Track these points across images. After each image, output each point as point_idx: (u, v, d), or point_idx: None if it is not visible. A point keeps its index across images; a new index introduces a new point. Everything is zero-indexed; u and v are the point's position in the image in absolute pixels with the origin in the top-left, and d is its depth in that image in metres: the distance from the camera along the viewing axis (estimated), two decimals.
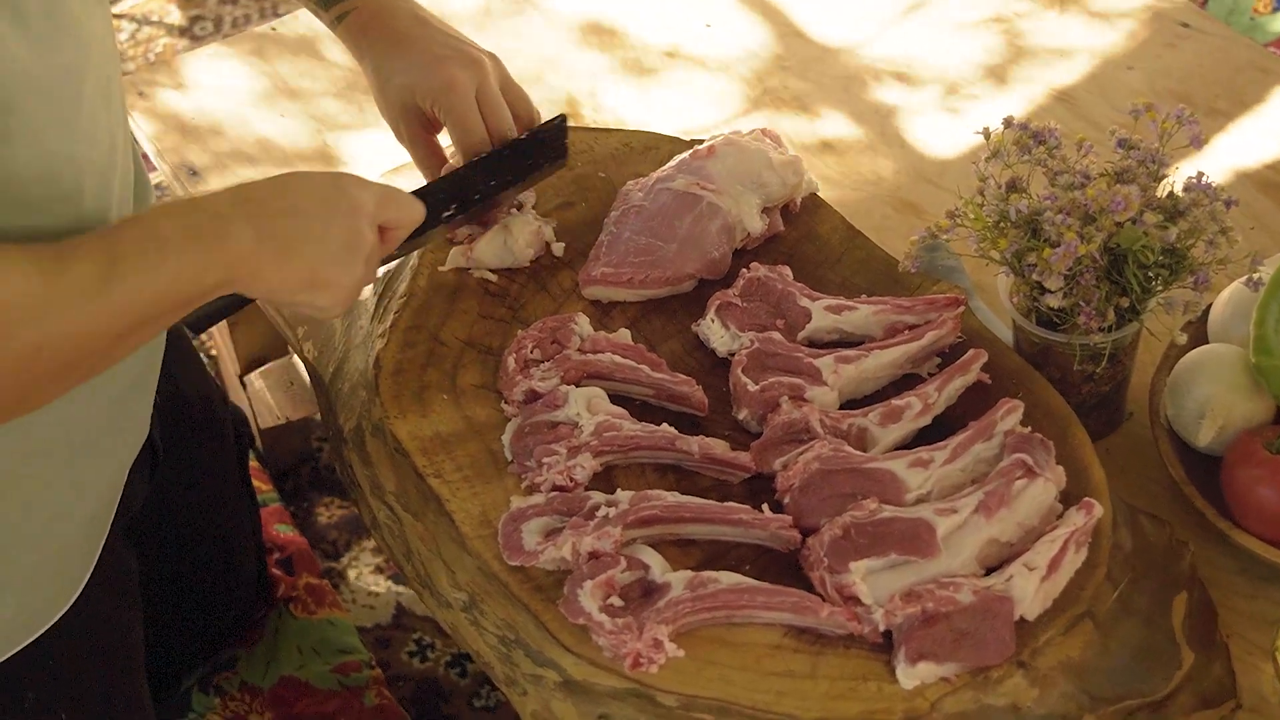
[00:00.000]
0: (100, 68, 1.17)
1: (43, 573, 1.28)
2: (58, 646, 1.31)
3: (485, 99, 1.44)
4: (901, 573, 1.24)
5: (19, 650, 1.28)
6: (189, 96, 1.91)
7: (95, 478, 1.32)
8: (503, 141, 1.44)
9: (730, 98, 1.88)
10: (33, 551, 1.26)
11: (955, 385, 1.37)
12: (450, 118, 1.43)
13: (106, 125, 1.18)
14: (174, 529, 1.67)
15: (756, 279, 1.45)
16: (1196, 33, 1.89)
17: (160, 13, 3.08)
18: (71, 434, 1.25)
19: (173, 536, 1.67)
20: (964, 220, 1.38)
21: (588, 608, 1.21)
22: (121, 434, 1.35)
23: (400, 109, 1.45)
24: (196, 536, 1.74)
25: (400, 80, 1.44)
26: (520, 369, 1.39)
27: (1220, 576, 1.37)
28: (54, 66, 1.09)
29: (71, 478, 1.28)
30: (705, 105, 1.88)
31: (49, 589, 1.30)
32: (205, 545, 1.77)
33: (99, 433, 1.29)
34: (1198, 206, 1.32)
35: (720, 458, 1.33)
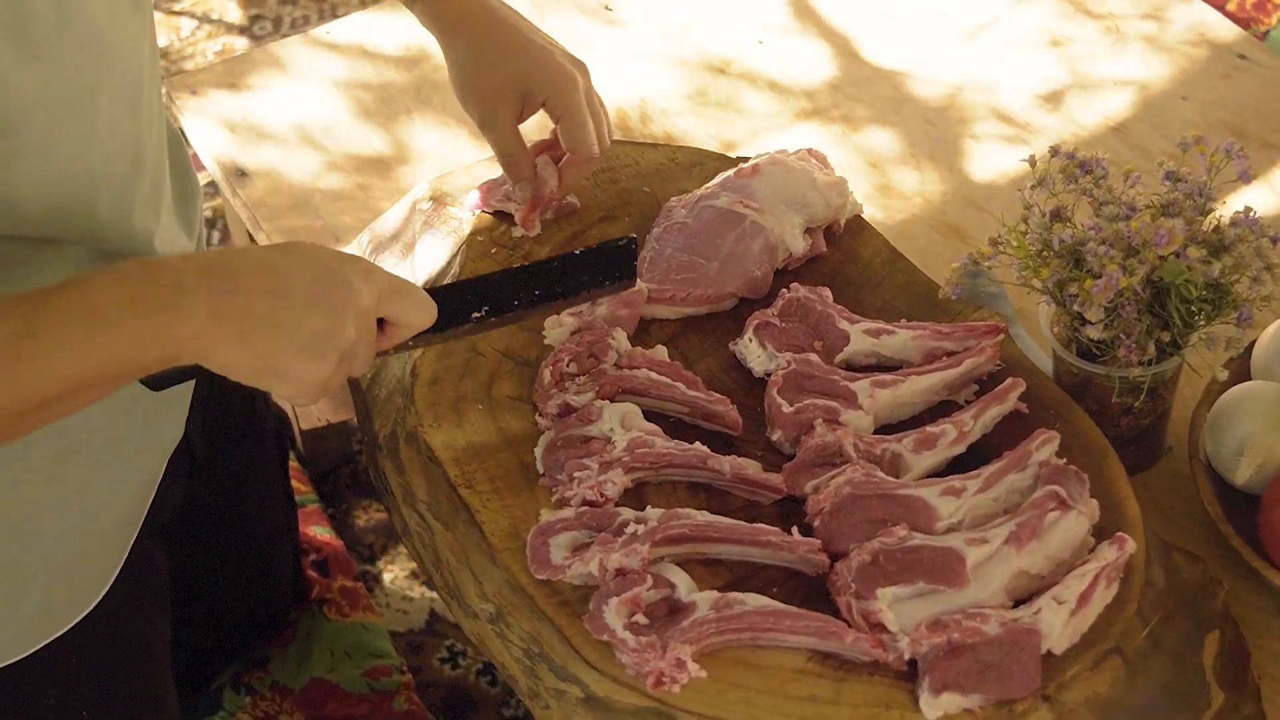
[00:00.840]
0: (122, 78, 1.15)
1: (69, 570, 1.29)
2: (82, 644, 1.32)
3: (591, 102, 1.44)
4: (929, 601, 1.23)
5: (43, 646, 1.29)
6: (241, 97, 1.92)
7: (127, 478, 1.33)
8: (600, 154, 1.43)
9: (780, 115, 1.88)
10: (61, 549, 1.27)
11: (991, 414, 1.36)
12: (569, 114, 1.42)
13: (131, 136, 1.18)
14: (211, 528, 1.67)
15: (796, 299, 1.44)
16: (1253, 65, 1.88)
17: (220, 11, 3.10)
18: (105, 434, 1.25)
19: (209, 536, 1.67)
20: (1006, 248, 1.38)
21: (612, 624, 1.21)
22: (156, 436, 1.36)
23: (500, 96, 1.43)
24: (233, 536, 1.74)
25: (507, 68, 1.42)
26: (556, 382, 1.39)
27: (1255, 616, 1.36)
28: (65, 85, 1.07)
29: (104, 478, 1.28)
30: (755, 122, 1.87)
31: (75, 587, 1.31)
32: (242, 545, 1.78)
33: (133, 433, 1.30)
34: (1243, 242, 1.31)
35: (751, 478, 1.32)
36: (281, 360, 1.08)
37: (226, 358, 1.07)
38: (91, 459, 1.25)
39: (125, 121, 1.16)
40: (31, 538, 1.24)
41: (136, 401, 1.26)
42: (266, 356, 1.08)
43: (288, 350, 1.08)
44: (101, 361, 1.02)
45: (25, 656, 1.28)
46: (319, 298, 1.09)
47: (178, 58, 3.00)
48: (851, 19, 2.00)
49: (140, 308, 1.02)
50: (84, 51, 1.08)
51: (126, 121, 1.16)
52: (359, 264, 1.14)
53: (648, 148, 1.64)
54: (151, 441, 1.35)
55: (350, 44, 1.98)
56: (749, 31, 1.99)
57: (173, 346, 1.04)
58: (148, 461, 1.36)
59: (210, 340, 1.05)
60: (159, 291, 1.03)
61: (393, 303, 1.16)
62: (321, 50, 1.98)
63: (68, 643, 1.31)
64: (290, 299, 1.08)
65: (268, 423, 1.77)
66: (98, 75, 1.11)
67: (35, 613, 1.28)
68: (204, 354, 1.06)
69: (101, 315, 1.01)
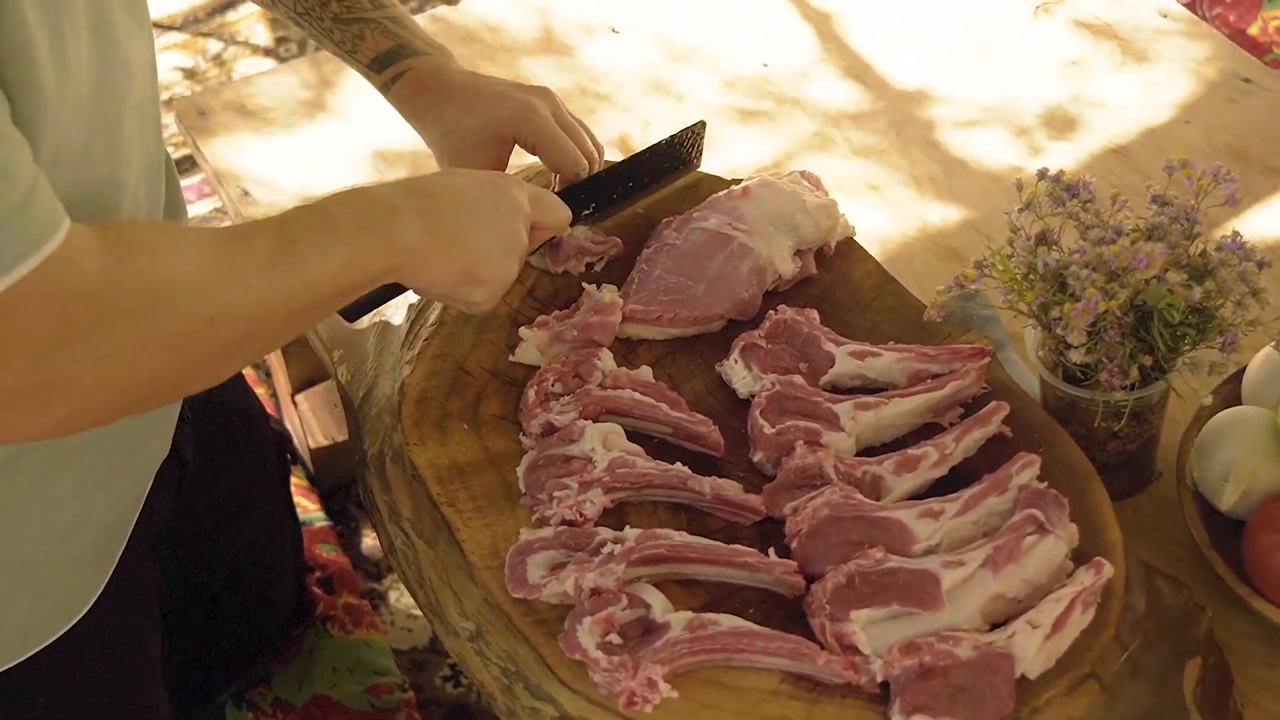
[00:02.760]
0: (142, 90, 1.19)
1: (57, 581, 1.30)
2: (69, 654, 1.33)
3: (561, 122, 1.47)
4: (903, 624, 1.23)
5: (30, 656, 1.30)
6: (248, 118, 1.94)
7: (115, 490, 1.34)
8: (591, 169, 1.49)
9: (782, 137, 1.88)
10: (48, 561, 1.28)
11: (974, 437, 1.36)
12: (539, 138, 1.45)
13: (142, 146, 1.21)
14: (208, 543, 1.69)
15: (783, 321, 1.45)
16: (1258, 89, 1.87)
17: (247, 33, 3.13)
18: (93, 447, 1.27)
19: (206, 550, 1.69)
20: (992, 271, 1.38)
21: (585, 644, 1.21)
22: (144, 448, 1.37)
23: (473, 148, 1.47)
24: (232, 551, 1.76)
25: (471, 120, 1.46)
26: (540, 401, 1.40)
27: (1240, 643, 1.35)
28: (99, 90, 1.11)
29: (91, 490, 1.30)
30: (757, 144, 1.88)
31: (62, 597, 1.32)
32: (241, 561, 1.79)
33: (121, 446, 1.32)
34: (1226, 266, 1.30)
35: (731, 499, 1.32)
36: (483, 266, 1.26)
37: (435, 268, 1.23)
38: (78, 472, 1.27)
39: (139, 132, 1.19)
40: (18, 549, 1.25)
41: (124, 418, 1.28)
42: (468, 264, 1.25)
43: (488, 256, 1.26)
44: (339, 269, 1.13)
45: (12, 666, 1.29)
46: (496, 210, 1.27)
47: (204, 79, 3.03)
48: (857, 42, 2.00)
49: (367, 223, 1.16)
50: (114, 58, 1.12)
51: (140, 132, 1.20)
52: (508, 178, 1.32)
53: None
54: (139, 454, 1.37)
55: None
56: (754, 54, 2.00)
57: (394, 259, 1.18)
58: (135, 474, 1.37)
59: (423, 251, 1.20)
60: (378, 210, 1.18)
61: (541, 208, 1.34)
62: (330, 71, 2.00)
63: (55, 652, 1.32)
64: (479, 213, 1.25)
65: (267, 439, 1.78)
66: (125, 82, 1.15)
67: (22, 622, 1.29)
68: (418, 265, 1.21)
69: (338, 230, 1.14)
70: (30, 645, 1.30)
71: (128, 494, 1.36)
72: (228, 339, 1.08)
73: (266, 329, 1.12)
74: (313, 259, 1.11)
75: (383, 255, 1.17)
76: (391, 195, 1.20)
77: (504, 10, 2.07)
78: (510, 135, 1.46)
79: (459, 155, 1.47)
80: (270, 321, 1.11)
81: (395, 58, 1.50)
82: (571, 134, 1.47)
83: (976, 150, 1.84)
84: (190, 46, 3.11)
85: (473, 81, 1.49)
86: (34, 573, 1.27)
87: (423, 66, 1.50)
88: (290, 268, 1.10)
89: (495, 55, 2.00)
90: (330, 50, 1.54)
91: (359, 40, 1.51)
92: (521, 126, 1.45)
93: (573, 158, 1.46)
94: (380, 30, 1.51)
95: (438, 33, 2.03)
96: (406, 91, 1.50)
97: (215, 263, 1.06)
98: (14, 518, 1.24)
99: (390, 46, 1.50)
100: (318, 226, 1.13)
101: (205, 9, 3.19)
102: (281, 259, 1.09)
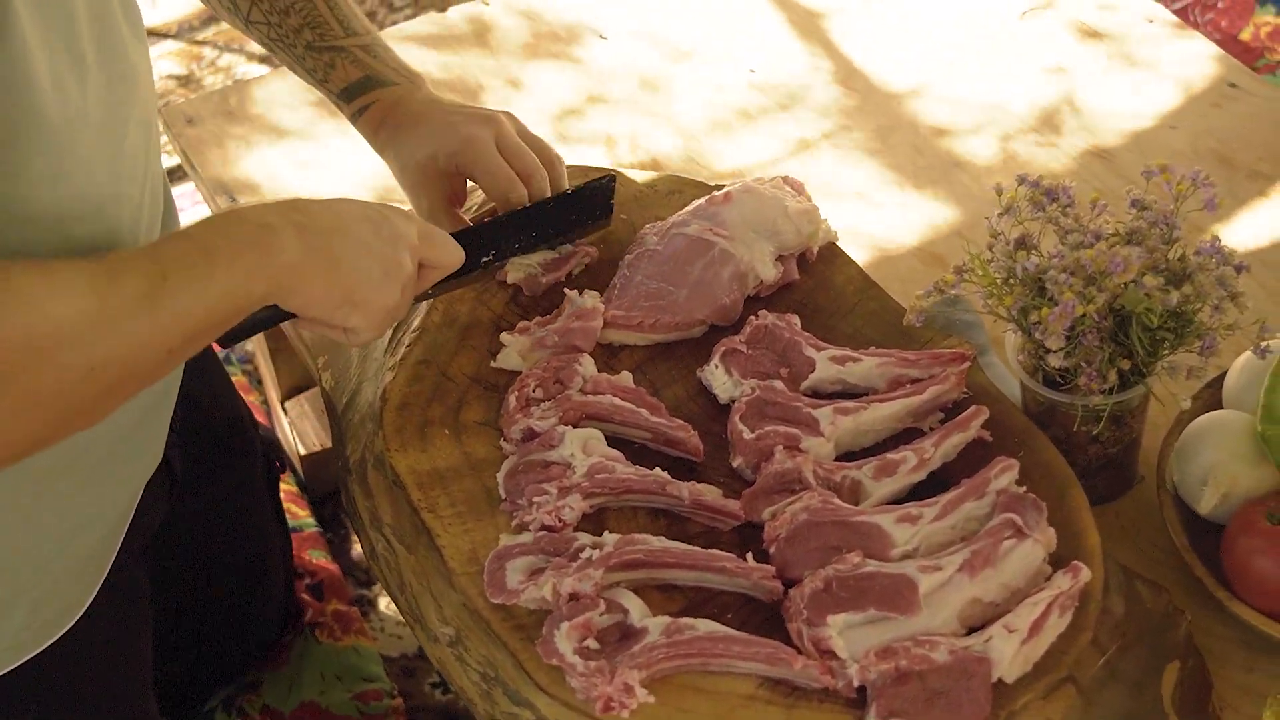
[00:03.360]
0: (144, 101, 1.20)
1: (49, 590, 1.30)
2: (61, 662, 1.33)
3: (506, 146, 1.46)
4: (880, 629, 1.23)
5: (21, 665, 1.30)
6: (236, 125, 1.95)
7: (108, 499, 1.34)
8: (548, 194, 1.46)
9: (769, 143, 1.89)
10: (41, 569, 1.28)
11: (953, 441, 1.36)
12: (475, 169, 1.45)
13: (144, 159, 1.22)
14: (196, 550, 1.69)
15: (764, 326, 1.45)
16: (1244, 93, 1.87)
17: (241, 40, 3.14)
18: (87, 456, 1.27)
19: (195, 557, 1.69)
20: (971, 276, 1.38)
21: (562, 649, 1.21)
22: (137, 456, 1.37)
23: (421, 180, 1.47)
24: (220, 558, 1.76)
25: (421, 154, 1.46)
26: (521, 407, 1.40)
27: (1219, 647, 1.35)
28: (106, 104, 1.12)
29: (85, 499, 1.30)
30: (744, 150, 1.88)
31: (55, 605, 1.32)
32: (230, 568, 1.79)
33: (115, 455, 1.32)
34: (1203, 271, 1.30)
35: (709, 504, 1.33)
36: (361, 290, 1.23)
37: (314, 290, 1.20)
38: (72, 481, 1.27)
39: (141, 145, 1.20)
40: (10, 558, 1.26)
41: (115, 425, 1.28)
42: (349, 287, 1.22)
43: (368, 280, 1.23)
44: (221, 296, 1.11)
45: (3, 674, 1.30)
46: (378, 236, 1.24)
47: (198, 86, 3.04)
48: (844, 47, 2.00)
49: (245, 246, 1.13)
50: (120, 73, 1.13)
51: (142, 145, 1.20)
52: (395, 210, 1.30)
53: (627, 174, 1.65)
54: (132, 464, 1.37)
55: None
56: (741, 59, 2.00)
57: (273, 278, 1.15)
58: (127, 483, 1.37)
59: (303, 272, 1.17)
60: (254, 231, 1.14)
61: (430, 245, 1.32)
62: None
63: (46, 662, 1.32)
64: (359, 235, 1.23)
65: (256, 447, 1.79)
66: (129, 96, 1.16)
67: (15, 631, 1.29)
68: (298, 286, 1.18)
69: (215, 255, 1.11)
70: (21, 654, 1.30)
71: (119, 503, 1.37)
72: (108, 382, 1.06)
73: (148, 367, 1.10)
74: (191, 289, 1.08)
75: (262, 276, 1.14)
76: (268, 215, 1.17)
77: (495, 15, 2.08)
78: (454, 167, 1.45)
79: (416, 188, 1.48)
80: (151, 359, 1.09)
81: (364, 89, 1.50)
82: (518, 161, 1.45)
83: (963, 154, 1.84)
84: (186, 54, 3.11)
85: (426, 111, 1.49)
86: (27, 582, 1.28)
87: (387, 98, 1.50)
88: (169, 305, 1.07)
89: (486, 61, 2.00)
90: (304, 79, 1.54)
91: (330, 69, 1.51)
92: (463, 159, 1.45)
93: (505, 188, 1.44)
94: (351, 60, 1.51)
95: (427, 39, 2.03)
96: (371, 123, 1.50)
97: (93, 308, 1.02)
98: (6, 527, 1.24)
99: (359, 77, 1.50)
100: (192, 254, 1.10)
101: (200, 17, 3.20)
102: (159, 296, 1.06)
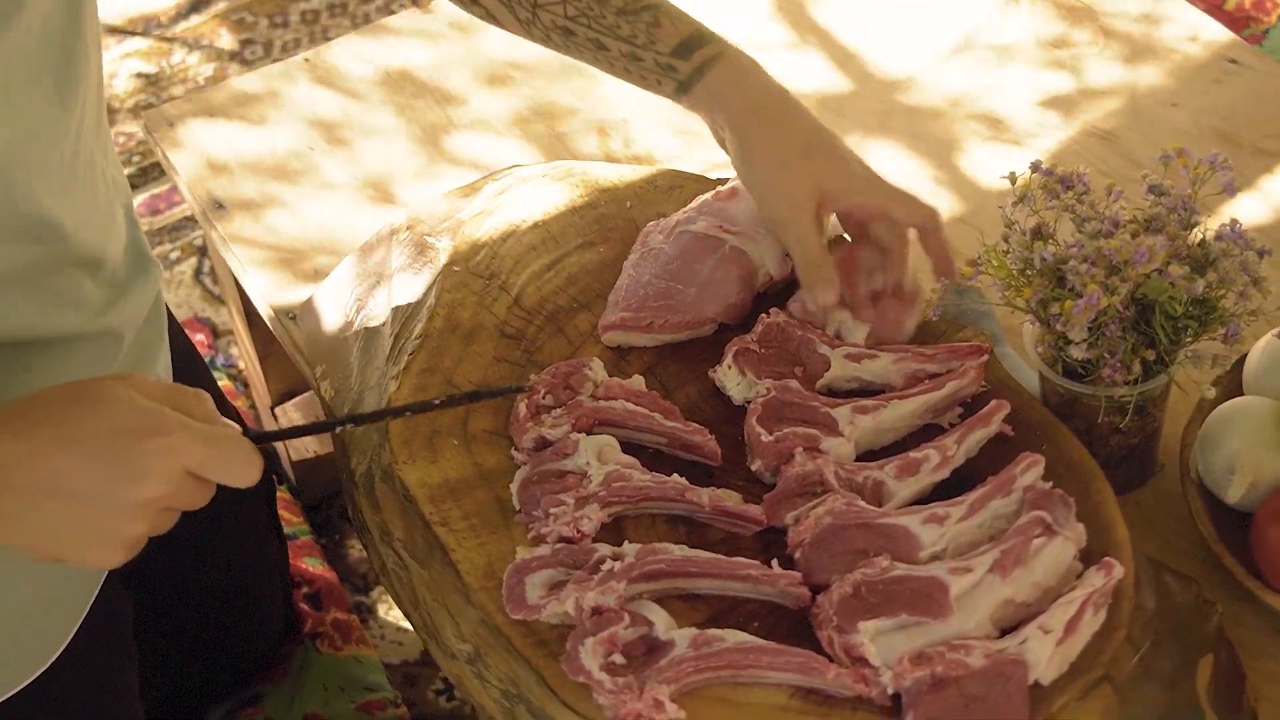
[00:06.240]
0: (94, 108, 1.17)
1: (29, 627, 1.27)
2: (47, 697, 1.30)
3: None
4: (912, 634, 1.20)
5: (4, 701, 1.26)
6: (219, 128, 1.90)
7: None
8: None
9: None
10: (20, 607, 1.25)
11: (975, 438, 1.33)
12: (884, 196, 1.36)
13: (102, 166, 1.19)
14: (191, 566, 1.65)
15: (775, 325, 1.42)
16: (1244, 69, 1.85)
17: (211, 37, 3.09)
18: None
19: (189, 574, 1.65)
20: (987, 267, 1.35)
21: (588, 665, 1.18)
22: None
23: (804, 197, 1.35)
24: (217, 573, 1.73)
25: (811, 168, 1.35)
26: (531, 415, 1.36)
27: (1250, 637, 1.33)
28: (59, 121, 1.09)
29: None
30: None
31: (35, 643, 1.28)
32: (227, 581, 1.76)
33: None
34: (1227, 257, 1.28)
35: (731, 510, 1.30)
36: (73, 554, 1.03)
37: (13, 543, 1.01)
38: None
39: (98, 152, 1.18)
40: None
41: None
42: (39, 550, 1.02)
43: (60, 544, 1.02)
44: None
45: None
46: (99, 499, 1.01)
47: (169, 84, 2.99)
48: (838, 32, 1.97)
49: None
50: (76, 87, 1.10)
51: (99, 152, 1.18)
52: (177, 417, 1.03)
53: (626, 170, 1.62)
54: None
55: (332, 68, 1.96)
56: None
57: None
58: None
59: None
60: None
61: (214, 467, 1.06)
62: (301, 78, 1.96)
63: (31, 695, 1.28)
64: (77, 491, 1.00)
65: None
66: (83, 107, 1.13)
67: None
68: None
69: None
70: (4, 690, 1.27)
71: None
72: None
73: None
74: None
75: None
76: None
77: None
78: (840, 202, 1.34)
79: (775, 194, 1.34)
80: None
81: (702, 40, 1.35)
82: None
83: (962, 140, 1.81)
84: (153, 52, 3.06)
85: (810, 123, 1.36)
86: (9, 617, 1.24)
87: (735, 55, 1.36)
88: None
89: (463, 58, 1.96)
90: (606, 60, 1.37)
91: (654, 28, 1.35)
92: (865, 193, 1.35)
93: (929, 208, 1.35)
94: (673, 15, 1.35)
95: (411, 30, 1.99)
96: (724, 82, 1.35)
97: None
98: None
99: (691, 30, 1.35)
100: None
101: (168, 13, 3.14)
102: None
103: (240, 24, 3.11)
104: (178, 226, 2.70)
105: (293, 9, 3.13)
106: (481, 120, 1.88)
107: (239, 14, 3.13)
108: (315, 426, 1.22)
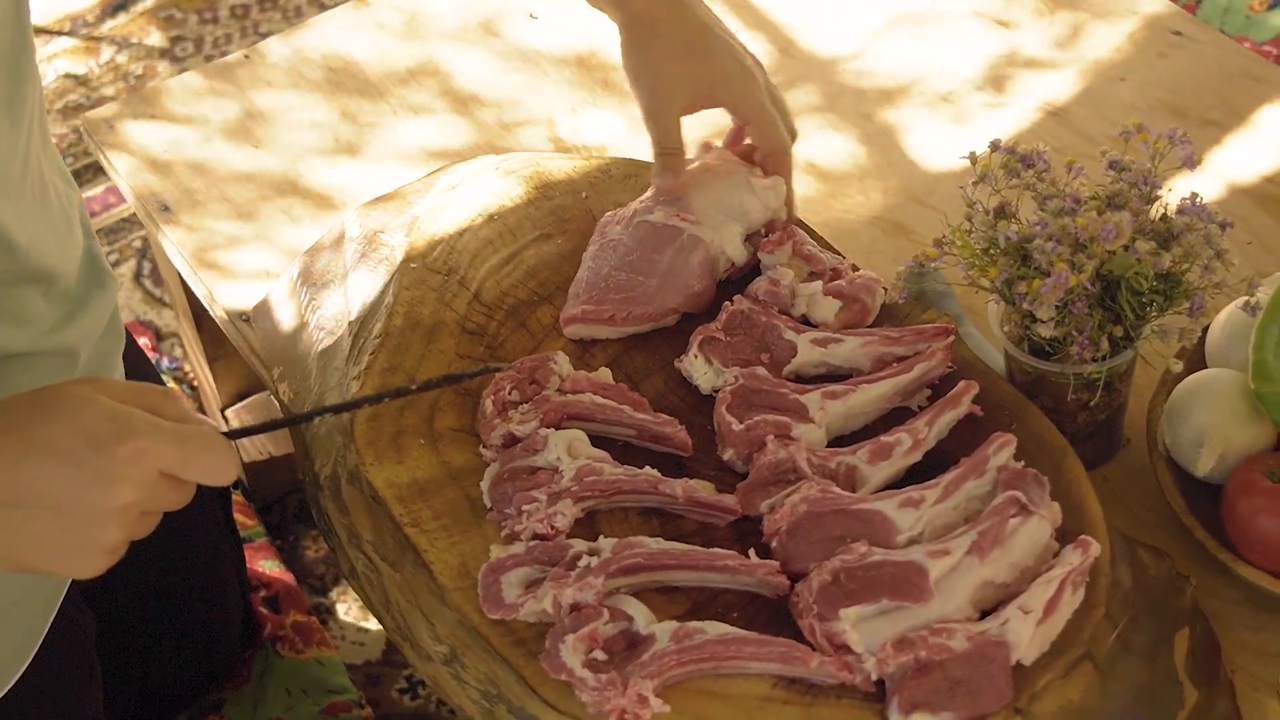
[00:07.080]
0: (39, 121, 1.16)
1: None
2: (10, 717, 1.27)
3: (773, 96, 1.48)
4: (893, 619, 1.20)
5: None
6: (160, 128, 1.87)
7: None
8: None
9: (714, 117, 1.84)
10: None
11: (946, 419, 1.33)
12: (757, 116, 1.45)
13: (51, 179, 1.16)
14: (149, 577, 1.63)
15: (740, 312, 1.41)
16: (1189, 40, 1.85)
17: (140, 34, 3.04)
18: None
19: (147, 584, 1.63)
20: (952, 248, 1.35)
21: (569, 663, 1.17)
22: None
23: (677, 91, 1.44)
24: (174, 582, 1.70)
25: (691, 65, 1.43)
26: (498, 411, 1.35)
27: (1223, 609, 1.33)
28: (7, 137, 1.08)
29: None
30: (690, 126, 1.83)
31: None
32: (184, 590, 1.73)
33: None
34: (1191, 230, 1.28)
35: (705, 501, 1.29)
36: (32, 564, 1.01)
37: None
38: None
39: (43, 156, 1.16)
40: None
41: None
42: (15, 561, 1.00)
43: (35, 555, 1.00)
44: None
45: None
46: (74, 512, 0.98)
47: (99, 84, 2.94)
48: (780, 11, 1.96)
49: None
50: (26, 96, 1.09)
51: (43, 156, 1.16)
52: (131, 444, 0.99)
53: (580, 160, 1.60)
54: None
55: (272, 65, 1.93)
56: None
57: None
58: None
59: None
60: None
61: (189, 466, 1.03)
62: (241, 75, 1.93)
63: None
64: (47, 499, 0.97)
65: None
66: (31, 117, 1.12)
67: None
68: None
69: None
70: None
71: None
72: None
73: None
74: None
75: None
76: None
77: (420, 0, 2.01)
78: (720, 100, 1.44)
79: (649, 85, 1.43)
80: None
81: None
82: (780, 107, 1.46)
83: (911, 118, 1.81)
84: (82, 52, 3.01)
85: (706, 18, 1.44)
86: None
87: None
88: None
89: (404, 49, 1.94)
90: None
91: None
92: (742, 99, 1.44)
93: (782, 138, 1.45)
94: None
95: (349, 23, 1.97)
96: None
97: None
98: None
99: None
100: None
101: (94, 11, 3.10)
102: None
103: (169, 21, 3.06)
104: (115, 229, 2.66)
105: (222, 4, 3.09)
106: (426, 112, 1.86)
107: (167, 10, 3.08)
108: (291, 419, 1.20)
